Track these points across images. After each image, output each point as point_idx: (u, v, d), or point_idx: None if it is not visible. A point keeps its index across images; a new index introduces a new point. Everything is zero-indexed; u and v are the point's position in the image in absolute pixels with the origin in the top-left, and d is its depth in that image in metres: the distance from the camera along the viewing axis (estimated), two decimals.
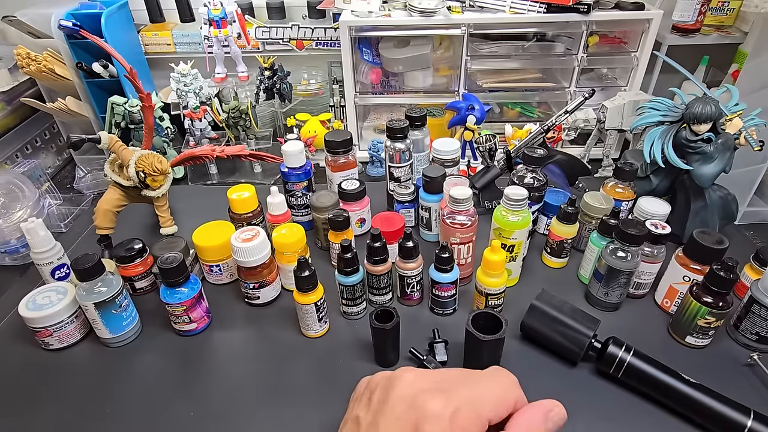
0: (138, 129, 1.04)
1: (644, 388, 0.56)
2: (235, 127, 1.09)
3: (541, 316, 0.61)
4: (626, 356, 0.56)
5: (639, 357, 0.56)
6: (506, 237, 0.67)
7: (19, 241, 0.85)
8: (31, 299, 0.64)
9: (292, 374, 0.62)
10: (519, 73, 1.12)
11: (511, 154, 0.84)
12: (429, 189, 0.78)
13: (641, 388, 0.56)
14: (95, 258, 0.61)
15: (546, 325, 0.61)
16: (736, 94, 0.73)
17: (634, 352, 0.57)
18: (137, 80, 0.76)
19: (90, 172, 1.10)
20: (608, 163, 1.02)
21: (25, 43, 1.04)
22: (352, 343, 0.65)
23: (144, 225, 0.91)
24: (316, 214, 0.79)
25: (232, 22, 1.09)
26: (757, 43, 0.93)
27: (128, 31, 1.16)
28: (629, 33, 1.06)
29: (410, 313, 0.70)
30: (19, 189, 0.90)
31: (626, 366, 0.56)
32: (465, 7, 1.02)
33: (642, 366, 0.56)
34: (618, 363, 0.57)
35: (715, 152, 0.70)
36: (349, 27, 1.00)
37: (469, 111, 0.95)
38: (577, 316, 0.60)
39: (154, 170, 0.76)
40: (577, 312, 0.61)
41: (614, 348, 0.57)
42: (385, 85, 1.14)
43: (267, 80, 1.12)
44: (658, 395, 0.55)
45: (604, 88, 1.09)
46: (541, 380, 0.59)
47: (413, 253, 0.66)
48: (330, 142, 0.83)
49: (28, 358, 0.64)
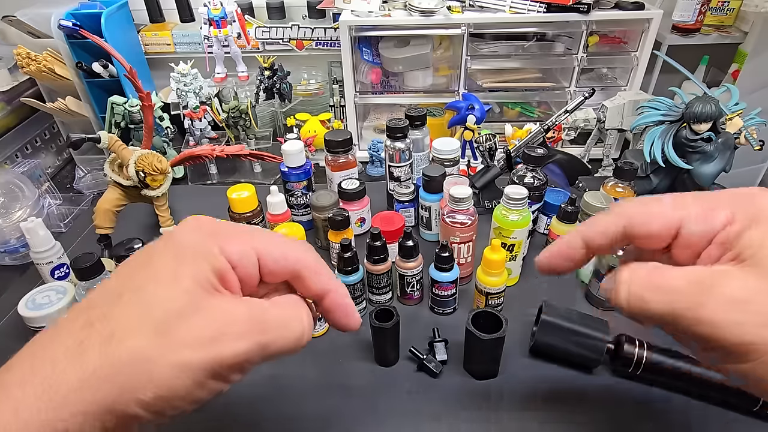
0: (138, 129, 1.04)
1: (663, 379, 0.57)
2: (235, 127, 1.09)
3: (554, 330, 0.59)
4: (642, 353, 0.56)
5: (654, 351, 0.57)
6: (506, 236, 0.67)
7: (18, 241, 0.85)
8: (30, 299, 0.64)
9: (292, 374, 0.62)
10: (519, 73, 1.12)
11: (511, 153, 0.84)
12: (429, 188, 0.78)
13: (660, 379, 0.57)
14: (95, 257, 0.61)
15: (561, 338, 0.59)
16: (736, 93, 0.73)
17: (648, 347, 0.57)
18: (137, 80, 0.76)
19: (90, 172, 1.10)
20: (608, 162, 1.01)
21: (25, 43, 1.04)
22: (352, 342, 0.65)
23: (144, 225, 0.91)
24: (316, 213, 0.79)
25: (232, 22, 1.09)
26: (757, 43, 0.93)
27: (128, 31, 1.16)
28: (629, 33, 1.06)
29: (410, 312, 0.70)
30: (18, 189, 0.89)
31: (645, 363, 0.56)
32: (465, 6, 1.02)
33: (660, 359, 0.56)
34: (636, 361, 0.57)
35: (715, 151, 0.70)
36: (349, 27, 1.00)
37: (469, 111, 0.95)
38: (588, 323, 0.59)
39: (154, 170, 0.76)
40: (586, 318, 0.60)
41: (629, 347, 0.57)
42: (385, 85, 1.14)
43: (267, 80, 1.12)
44: (678, 382, 0.56)
45: (604, 88, 1.09)
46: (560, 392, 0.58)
47: (413, 253, 0.66)
48: (330, 142, 0.83)
49: None
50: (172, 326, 0.24)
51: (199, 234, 0.28)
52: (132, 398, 0.23)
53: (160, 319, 0.24)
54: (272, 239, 0.30)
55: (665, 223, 0.30)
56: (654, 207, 0.31)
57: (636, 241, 0.31)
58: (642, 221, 0.31)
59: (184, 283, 0.25)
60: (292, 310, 0.29)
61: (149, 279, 0.26)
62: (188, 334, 0.24)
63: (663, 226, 0.30)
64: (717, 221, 0.29)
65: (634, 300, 0.29)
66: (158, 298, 0.25)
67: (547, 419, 0.55)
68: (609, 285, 0.31)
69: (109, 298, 0.26)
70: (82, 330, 0.24)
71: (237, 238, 0.29)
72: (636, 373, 0.57)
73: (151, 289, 0.25)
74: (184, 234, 0.28)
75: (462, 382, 0.59)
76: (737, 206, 0.28)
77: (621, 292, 0.29)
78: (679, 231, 0.30)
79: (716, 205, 0.29)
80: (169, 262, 0.26)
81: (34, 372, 0.23)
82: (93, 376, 0.23)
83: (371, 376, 0.61)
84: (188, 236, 0.28)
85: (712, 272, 0.27)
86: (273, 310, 0.28)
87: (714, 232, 0.29)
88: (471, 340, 0.57)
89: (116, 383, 0.23)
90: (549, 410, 0.56)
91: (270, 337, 0.27)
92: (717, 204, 0.29)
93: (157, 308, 0.25)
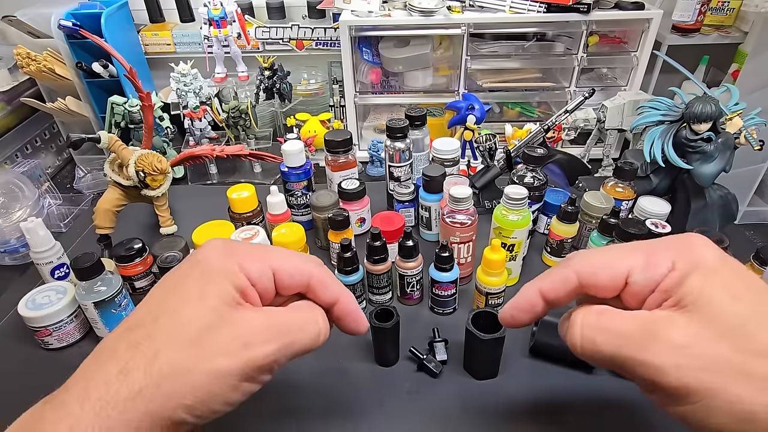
0: (138, 129, 1.04)
1: None
2: (235, 127, 1.09)
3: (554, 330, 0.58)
4: None
5: None
6: (506, 236, 0.67)
7: (18, 241, 0.85)
8: (30, 299, 0.64)
9: (292, 374, 0.62)
10: (519, 73, 1.12)
11: (511, 153, 0.84)
12: (429, 188, 0.78)
13: None
14: (95, 257, 0.61)
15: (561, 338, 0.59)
16: (736, 93, 0.72)
17: None
18: (137, 80, 0.76)
19: (90, 172, 1.10)
20: (608, 162, 1.02)
21: (25, 43, 1.04)
22: (352, 342, 0.65)
23: (144, 224, 0.90)
24: (316, 213, 0.79)
25: (232, 22, 1.09)
26: (757, 43, 0.93)
27: (128, 31, 1.16)
28: (629, 33, 1.06)
29: (410, 312, 0.70)
30: (18, 189, 0.89)
31: None
32: (465, 6, 1.02)
33: None
34: None
35: (715, 151, 0.70)
36: (349, 27, 1.00)
37: (469, 111, 0.95)
38: None
39: (154, 170, 0.76)
40: None
41: None
42: (385, 85, 1.14)
43: (267, 80, 1.12)
44: None
45: (604, 88, 1.09)
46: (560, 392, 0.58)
47: (413, 253, 0.66)
48: (330, 142, 0.83)
49: (27, 357, 0.64)
50: (204, 339, 0.28)
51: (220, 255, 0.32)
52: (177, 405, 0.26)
53: (194, 335, 0.28)
54: (285, 256, 0.34)
55: (613, 275, 0.32)
56: (600, 260, 0.33)
57: (588, 289, 0.33)
58: (590, 274, 0.33)
59: (211, 301, 0.29)
60: (308, 314, 0.33)
61: (180, 301, 0.29)
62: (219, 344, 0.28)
63: (610, 278, 0.32)
64: (660, 269, 0.30)
65: (587, 343, 0.31)
66: (190, 318, 0.29)
67: (546, 419, 0.55)
68: (563, 327, 0.34)
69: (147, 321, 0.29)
70: (126, 352, 0.28)
71: (254, 257, 0.32)
72: None
73: (183, 311, 0.29)
74: (206, 256, 0.31)
75: (462, 382, 0.59)
76: (678, 254, 0.30)
77: (575, 334, 0.32)
78: (627, 280, 0.32)
79: (659, 253, 0.31)
80: (196, 283, 0.30)
81: (89, 392, 0.27)
82: (142, 392, 0.26)
83: (371, 376, 0.61)
84: (211, 258, 0.31)
85: (656, 317, 0.29)
86: (291, 314, 0.32)
87: (658, 280, 0.30)
88: (471, 340, 0.57)
89: (162, 394, 0.26)
90: (549, 410, 0.56)
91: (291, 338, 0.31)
92: (659, 252, 0.31)
93: (190, 326, 0.28)
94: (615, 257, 0.33)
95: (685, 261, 0.30)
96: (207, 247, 0.32)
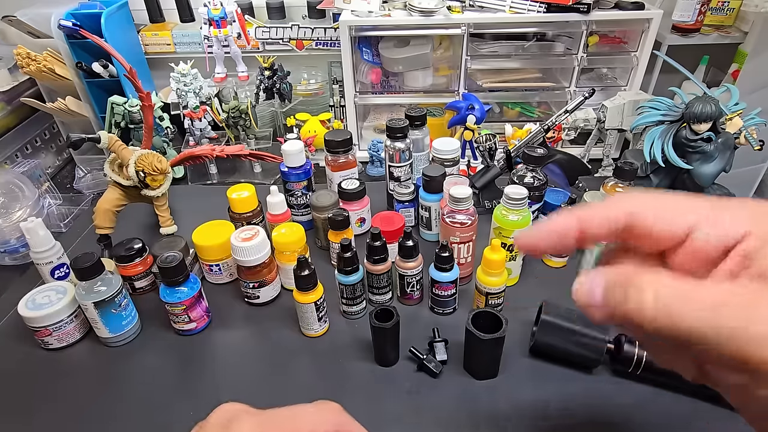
0: (138, 129, 1.04)
1: (663, 379, 0.57)
2: (235, 127, 1.09)
3: (554, 330, 0.59)
4: (642, 353, 0.56)
5: None
6: (506, 236, 0.67)
7: (18, 241, 0.85)
8: (30, 299, 0.64)
9: (292, 374, 0.62)
10: (519, 73, 1.12)
11: (511, 153, 0.84)
12: (429, 188, 0.78)
13: (660, 379, 0.57)
14: (95, 257, 0.61)
15: (561, 338, 0.59)
16: (736, 93, 0.73)
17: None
18: (137, 80, 0.76)
19: (90, 172, 1.10)
20: (608, 162, 1.02)
21: (25, 43, 1.04)
22: (352, 342, 0.65)
23: (144, 224, 0.91)
24: (316, 213, 0.79)
25: (232, 22, 1.09)
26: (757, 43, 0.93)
27: (128, 31, 1.16)
28: (629, 33, 1.06)
29: (410, 312, 0.70)
30: (18, 189, 0.90)
31: (645, 363, 0.56)
32: (465, 6, 1.02)
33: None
34: (636, 361, 0.57)
35: (715, 151, 0.70)
36: (349, 27, 1.00)
37: (469, 111, 0.95)
38: (588, 322, 0.59)
39: (154, 170, 0.76)
40: (585, 317, 0.59)
41: (629, 347, 0.57)
42: (385, 85, 1.14)
43: (267, 80, 1.12)
44: (678, 382, 0.56)
45: (604, 88, 1.09)
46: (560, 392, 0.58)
47: (413, 253, 0.66)
48: (330, 142, 0.83)
49: (27, 357, 0.64)
50: None
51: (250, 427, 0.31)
52: None
53: None
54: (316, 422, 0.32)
55: (675, 225, 0.26)
56: (660, 204, 0.27)
57: (636, 237, 0.27)
58: (646, 217, 0.26)
59: None
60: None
61: None
62: None
63: (670, 228, 0.26)
64: (733, 230, 0.25)
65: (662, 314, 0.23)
66: None
67: (546, 419, 0.55)
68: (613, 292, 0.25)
69: None
70: None
71: (280, 427, 0.31)
72: (636, 373, 0.57)
73: None
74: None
75: (462, 382, 0.59)
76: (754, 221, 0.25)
77: (646, 301, 0.23)
78: (688, 234, 0.26)
79: (727, 212, 0.26)
80: None
81: None
82: None
83: (371, 376, 0.61)
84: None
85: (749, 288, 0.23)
86: None
87: (729, 243, 0.25)
88: (471, 340, 0.57)
89: None
90: (549, 410, 0.56)
91: None
92: (728, 210, 0.26)
93: None
94: (677, 205, 0.26)
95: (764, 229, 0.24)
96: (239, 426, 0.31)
